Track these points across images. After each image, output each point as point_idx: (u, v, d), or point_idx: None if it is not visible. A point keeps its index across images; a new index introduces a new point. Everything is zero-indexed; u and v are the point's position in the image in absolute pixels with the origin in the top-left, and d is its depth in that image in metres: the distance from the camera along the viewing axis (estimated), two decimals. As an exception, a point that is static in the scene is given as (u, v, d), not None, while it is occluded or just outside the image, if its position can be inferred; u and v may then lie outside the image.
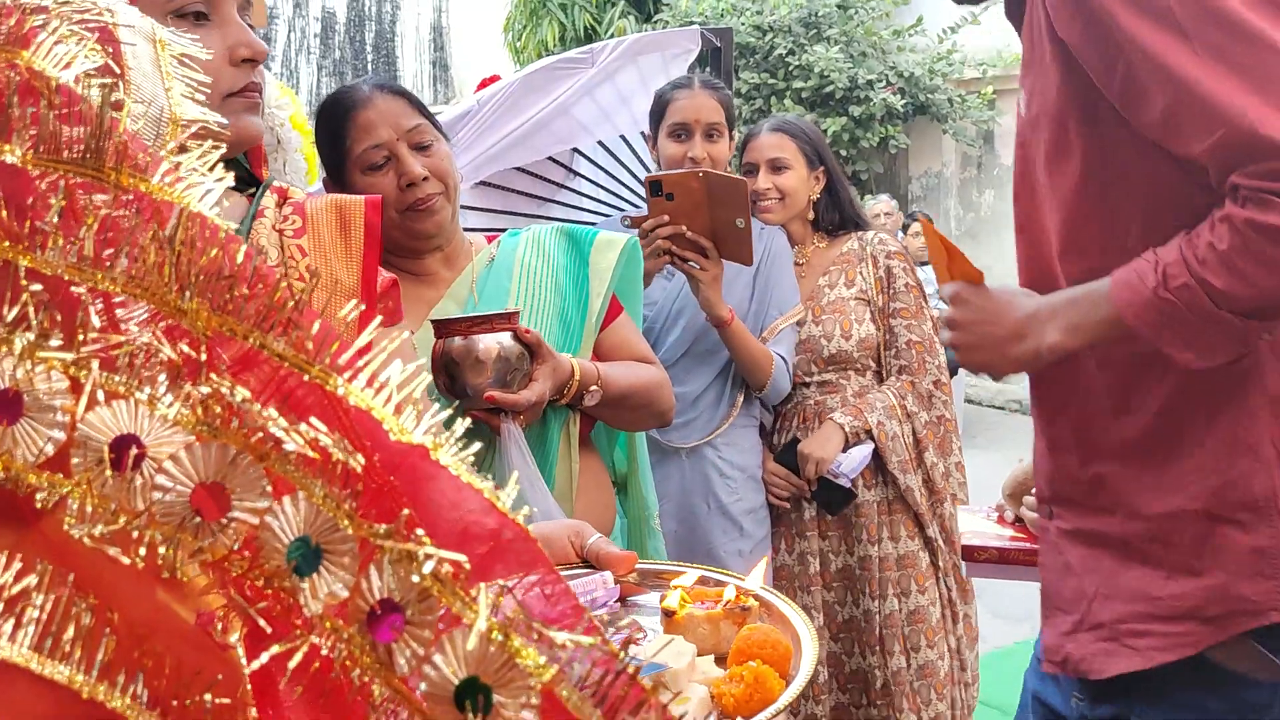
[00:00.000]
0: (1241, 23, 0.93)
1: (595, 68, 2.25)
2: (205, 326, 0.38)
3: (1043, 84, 1.06)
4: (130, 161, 0.39)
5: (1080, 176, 1.05)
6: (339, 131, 1.42)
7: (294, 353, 0.38)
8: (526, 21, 8.06)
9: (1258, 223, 0.93)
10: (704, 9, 6.53)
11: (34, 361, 0.36)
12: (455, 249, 1.50)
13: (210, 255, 0.38)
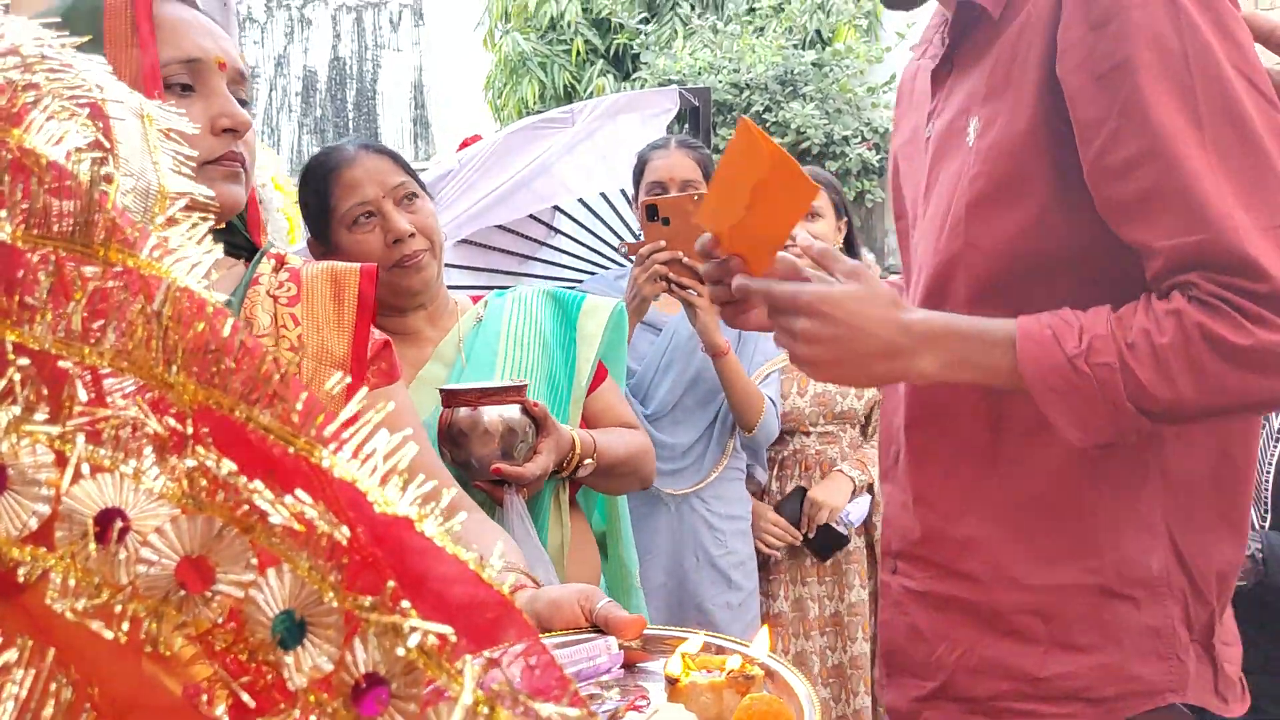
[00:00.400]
0: (1253, 134, 0.90)
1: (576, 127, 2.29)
2: (192, 400, 0.38)
3: (1008, 118, 0.99)
4: (119, 237, 0.39)
5: (1021, 222, 0.99)
6: (325, 190, 1.44)
7: (280, 425, 0.38)
8: (507, 80, 8.16)
9: (1208, 330, 0.88)
10: (681, 67, 6.63)
11: (19, 435, 0.37)
12: (439, 308, 1.51)
13: (197, 329, 0.39)
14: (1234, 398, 0.91)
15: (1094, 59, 0.92)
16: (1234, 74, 0.90)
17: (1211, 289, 0.89)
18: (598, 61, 7.66)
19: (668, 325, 2.06)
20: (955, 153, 1.04)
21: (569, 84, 7.80)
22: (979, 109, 1.01)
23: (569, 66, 7.77)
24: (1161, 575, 1.01)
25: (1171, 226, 0.90)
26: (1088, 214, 0.96)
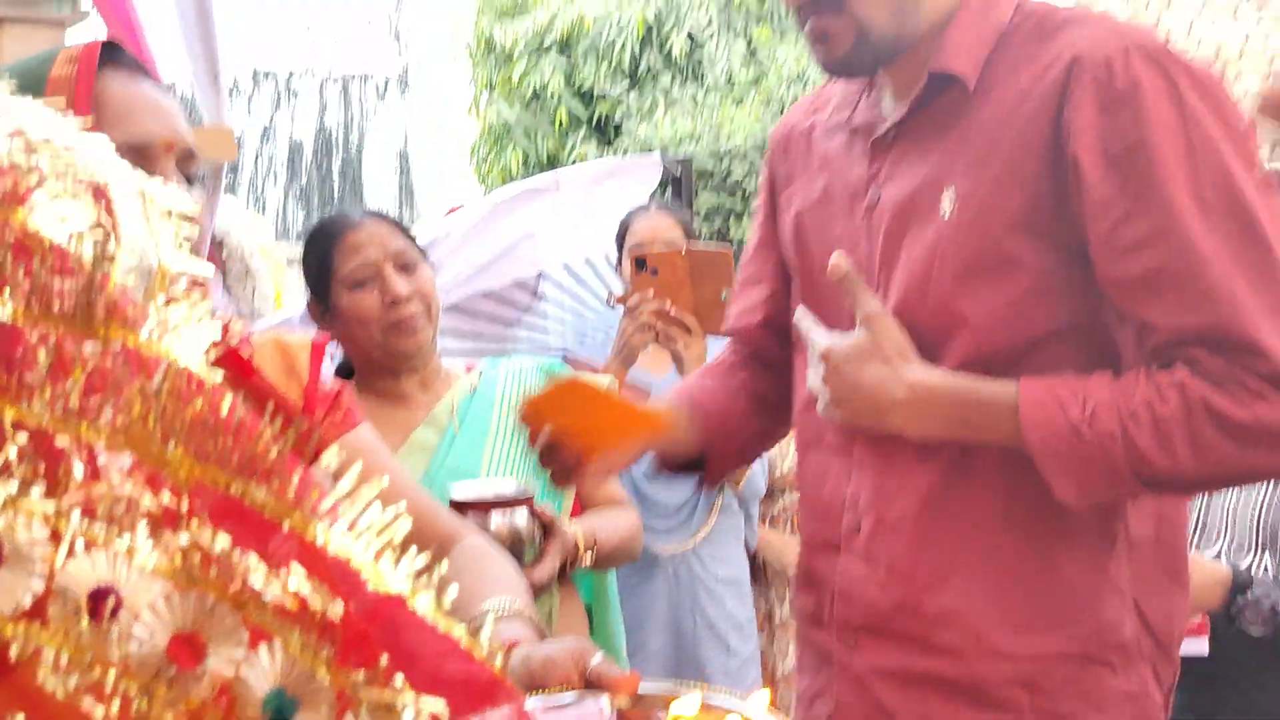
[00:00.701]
0: (1255, 220, 0.93)
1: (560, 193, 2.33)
2: (188, 475, 0.39)
3: (998, 192, 1.00)
4: (120, 316, 0.40)
5: (1011, 296, 1.00)
6: (328, 251, 1.48)
7: (275, 500, 0.39)
8: (491, 147, 8.27)
9: (1212, 403, 0.91)
10: (663, 135, 6.75)
11: (16, 512, 0.37)
12: (431, 373, 1.52)
13: (195, 406, 0.39)
14: (1231, 470, 0.94)
15: (1107, 141, 0.94)
16: (1236, 162, 0.94)
17: (1215, 364, 0.92)
18: (581, 130, 7.79)
19: (656, 384, 2.07)
20: (924, 225, 1.04)
21: (553, 152, 7.91)
22: (956, 181, 1.01)
23: (553, 135, 7.89)
24: (1133, 639, 1.02)
25: (1179, 305, 0.93)
26: (1080, 288, 0.98)
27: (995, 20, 1.03)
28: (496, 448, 1.48)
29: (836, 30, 1.02)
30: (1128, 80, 0.94)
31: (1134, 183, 0.94)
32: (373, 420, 1.47)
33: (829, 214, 1.14)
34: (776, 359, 1.25)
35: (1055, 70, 0.97)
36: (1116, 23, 1.00)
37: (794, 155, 1.21)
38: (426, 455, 1.47)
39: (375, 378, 1.49)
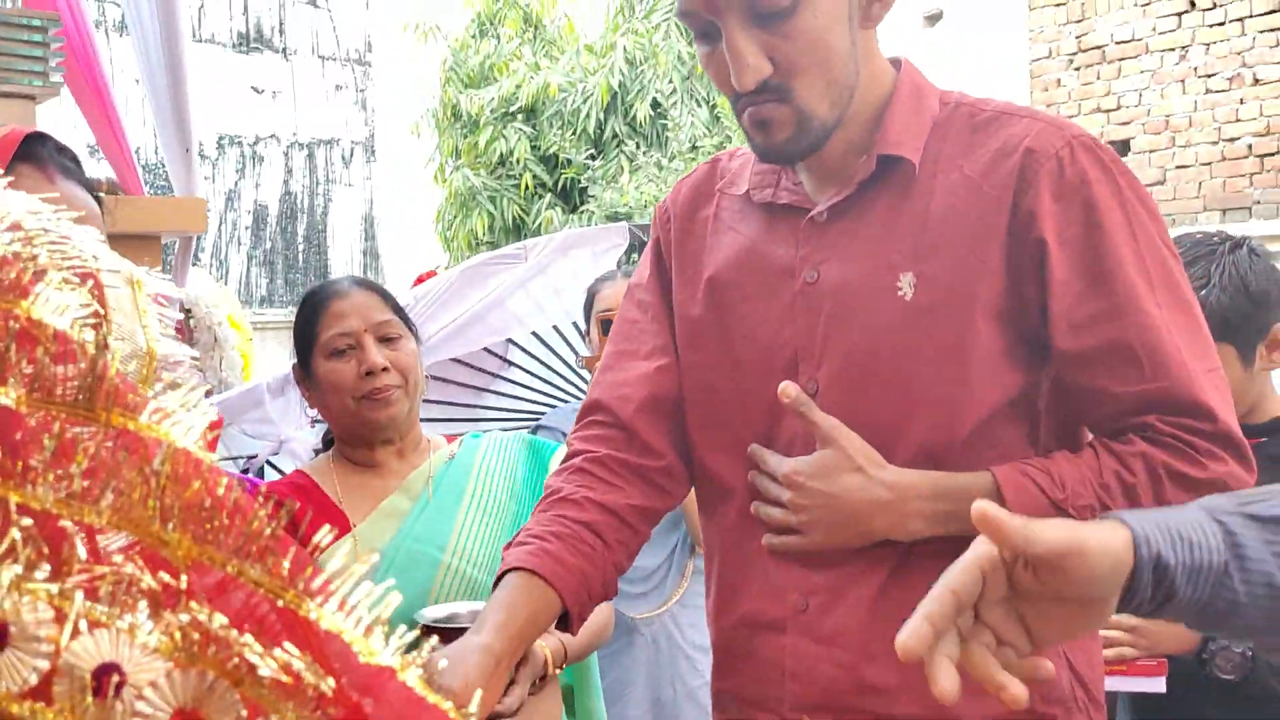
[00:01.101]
0: (1185, 294, 1.03)
1: (529, 262, 2.36)
2: (186, 555, 0.40)
3: (958, 274, 1.04)
4: (121, 401, 0.42)
5: (968, 374, 1.04)
6: (312, 319, 1.50)
7: (270, 579, 0.40)
8: (457, 213, 8.32)
9: (1172, 468, 0.98)
10: (627, 200, 6.85)
11: (21, 593, 0.38)
12: (410, 444, 1.53)
13: (194, 488, 0.41)
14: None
15: (1063, 227, 1.01)
16: (1162, 244, 1.03)
17: (1168, 430, 0.99)
18: (546, 195, 7.86)
19: None
20: (875, 306, 1.07)
21: (518, 217, 7.97)
22: (914, 265, 1.05)
23: (518, 200, 7.96)
24: (1069, 691, 1.07)
25: (1137, 374, 1.00)
26: (1022, 365, 1.04)
27: (927, 110, 1.09)
28: (469, 517, 1.48)
29: (779, 118, 1.04)
30: (1075, 172, 1.01)
31: (1090, 264, 1.00)
32: (347, 487, 1.48)
33: (749, 290, 1.14)
34: (652, 441, 1.19)
35: (1008, 162, 1.03)
36: (1048, 116, 1.08)
37: (698, 227, 1.21)
38: (397, 521, 1.47)
39: (352, 446, 1.49)
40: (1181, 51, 5.93)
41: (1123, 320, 1.00)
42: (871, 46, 1.10)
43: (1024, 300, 1.03)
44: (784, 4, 1.00)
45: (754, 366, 1.13)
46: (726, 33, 1.03)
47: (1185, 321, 1.01)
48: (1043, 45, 6.47)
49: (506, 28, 8.90)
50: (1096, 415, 1.04)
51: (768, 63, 1.02)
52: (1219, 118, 5.79)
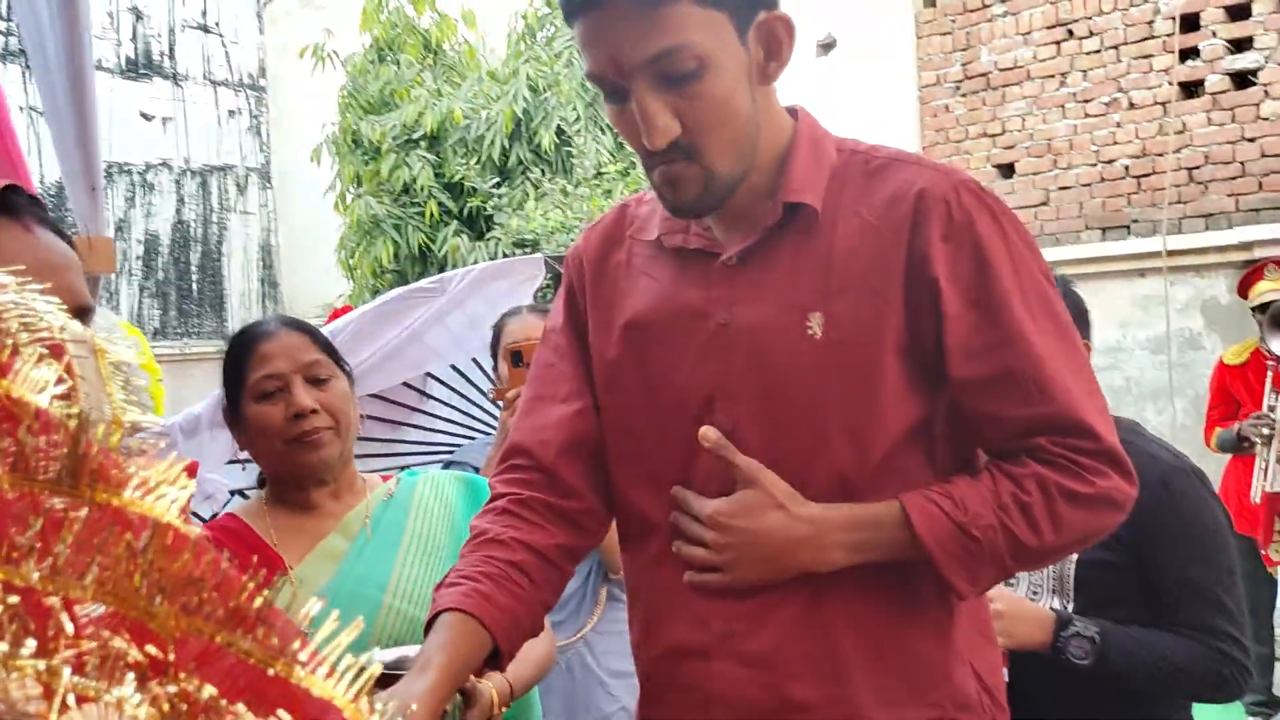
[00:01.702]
0: (1064, 322, 1.12)
1: (445, 296, 2.36)
2: (175, 628, 0.41)
3: (864, 313, 1.10)
4: (104, 477, 0.42)
5: (876, 405, 1.10)
6: (242, 361, 1.47)
7: (260, 648, 0.41)
8: (360, 240, 8.19)
9: (1063, 486, 1.07)
10: (534, 227, 6.85)
11: (9, 670, 0.39)
12: (345, 485, 1.51)
13: (181, 561, 0.42)
14: (1082, 535, 1.10)
15: (953, 265, 1.09)
16: (1041, 277, 1.12)
17: (1057, 450, 1.08)
18: (451, 223, 7.80)
19: None
20: (787, 346, 1.12)
21: (423, 245, 7.90)
22: (821, 305, 1.11)
23: (423, 228, 7.88)
24: (976, 697, 1.14)
25: (1023, 399, 1.08)
26: (922, 394, 1.12)
27: (825, 159, 1.16)
28: (409, 556, 1.47)
29: (688, 176, 1.10)
30: (963, 213, 1.09)
31: (979, 298, 1.08)
32: (282, 529, 1.46)
33: (664, 333, 1.19)
34: (572, 483, 1.22)
35: (901, 207, 1.10)
36: (934, 163, 1.16)
37: (611, 272, 1.26)
38: (335, 562, 1.45)
39: (286, 488, 1.48)
40: (1061, 78, 6.20)
41: (1011, 349, 1.08)
42: (770, 100, 1.17)
43: (922, 334, 1.10)
44: (690, 68, 1.05)
45: (671, 407, 1.18)
46: (636, 95, 1.07)
47: (1066, 348, 1.10)
48: (931, 73, 6.71)
49: (406, 54, 8.83)
50: (991, 438, 1.13)
51: (677, 123, 1.07)
52: (1097, 141, 6.07)
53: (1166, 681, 1.63)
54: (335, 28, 9.77)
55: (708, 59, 1.05)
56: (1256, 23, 5.55)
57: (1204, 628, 1.63)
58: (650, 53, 1.04)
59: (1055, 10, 6.18)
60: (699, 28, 1.05)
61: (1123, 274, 5.88)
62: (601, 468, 1.25)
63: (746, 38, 1.09)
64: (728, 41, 1.07)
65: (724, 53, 1.07)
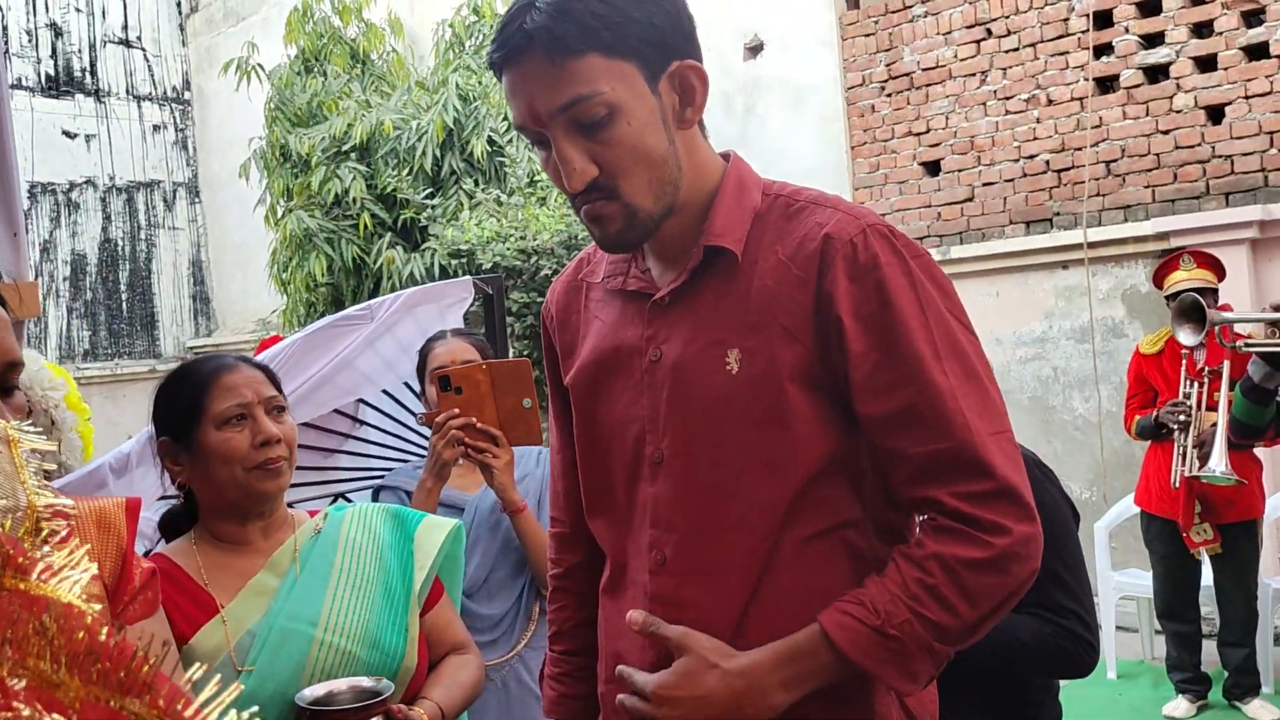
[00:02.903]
0: (971, 363, 1.14)
1: (375, 322, 2.37)
2: (76, 695, 0.44)
3: (777, 349, 1.15)
4: (13, 564, 0.45)
5: (791, 440, 1.15)
6: (200, 390, 1.49)
7: (149, 710, 0.45)
8: (293, 254, 8.11)
9: (961, 558, 1.08)
10: (470, 238, 6.84)
11: (-77, 749, 0.41)
12: (276, 520, 1.53)
13: (78, 637, 0.45)
14: (994, 600, 1.10)
15: (858, 304, 1.13)
16: (950, 318, 1.15)
17: (953, 506, 1.09)
18: (386, 235, 7.75)
19: (469, 503, 2.12)
20: (707, 380, 1.18)
21: (358, 257, 7.84)
22: (739, 341, 1.17)
23: (357, 241, 7.82)
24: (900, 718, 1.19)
25: (924, 436, 1.11)
26: (840, 428, 1.16)
27: (749, 202, 1.21)
28: (339, 591, 1.49)
29: (609, 214, 1.16)
30: (868, 255, 1.13)
31: (883, 337, 1.12)
32: (212, 567, 1.47)
33: (609, 370, 1.26)
34: (584, 529, 1.37)
35: (811, 247, 1.15)
36: (850, 205, 1.20)
37: (572, 318, 1.35)
38: (266, 599, 1.47)
39: (218, 522, 1.49)
40: (982, 76, 6.35)
41: (912, 386, 1.11)
42: (695, 144, 1.22)
43: (833, 370, 1.15)
44: (599, 115, 1.12)
45: (613, 439, 1.25)
46: (554, 142, 1.14)
47: (971, 389, 1.12)
48: (856, 73, 6.83)
49: (333, 64, 8.76)
50: (897, 479, 1.15)
51: (593, 166, 1.13)
52: (1018, 136, 6.23)
53: (1014, 659, 1.67)
54: (260, 39, 9.67)
55: (617, 106, 1.12)
56: (1167, 18, 5.74)
57: (1048, 605, 1.69)
58: (560, 102, 1.11)
59: (974, 10, 6.33)
60: (607, 78, 1.11)
61: (1046, 266, 6.05)
62: None
63: (658, 85, 1.16)
64: (638, 89, 1.14)
65: (634, 99, 1.13)
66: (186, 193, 12.65)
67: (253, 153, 8.74)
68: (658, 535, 1.21)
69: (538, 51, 1.11)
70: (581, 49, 1.10)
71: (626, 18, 1.11)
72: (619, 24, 1.11)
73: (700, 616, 1.18)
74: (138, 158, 12.38)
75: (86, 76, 12.05)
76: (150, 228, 12.43)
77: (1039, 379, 6.09)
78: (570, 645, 1.41)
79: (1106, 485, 5.74)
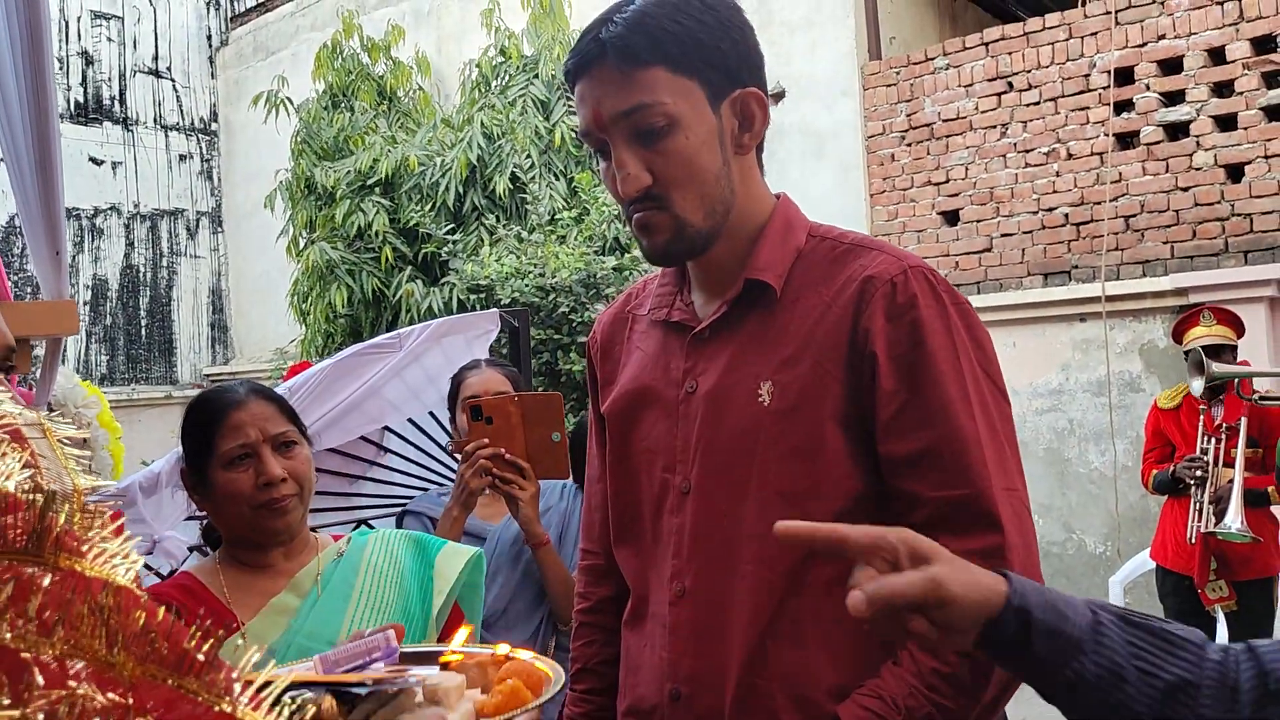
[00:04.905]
0: (993, 417, 1.14)
1: (403, 351, 2.40)
2: (132, 674, 0.46)
3: (809, 385, 1.16)
4: (66, 547, 0.47)
5: (818, 474, 1.16)
6: (209, 428, 1.50)
7: (207, 690, 0.46)
8: (313, 285, 8.17)
9: None
10: (489, 273, 6.89)
11: (-15, 720, 0.43)
12: (299, 545, 1.55)
13: (135, 616, 0.46)
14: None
15: (892, 343, 1.14)
16: (981, 371, 1.16)
17: None
18: (406, 268, 7.81)
19: (492, 533, 2.13)
20: (739, 412, 1.19)
21: (377, 289, 7.90)
22: (773, 375, 1.18)
23: (378, 273, 7.88)
24: None
25: (941, 480, 1.11)
26: (868, 465, 1.16)
27: (794, 242, 1.24)
28: (358, 613, 1.50)
29: (658, 224, 1.19)
30: (907, 295, 1.15)
31: (913, 377, 1.13)
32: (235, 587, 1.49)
33: (647, 400, 1.28)
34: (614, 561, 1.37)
35: (852, 287, 1.17)
36: (895, 249, 1.22)
37: (615, 349, 1.37)
38: (286, 618, 1.48)
39: (241, 550, 1.51)
40: (1002, 129, 6.40)
41: (936, 429, 1.12)
42: (751, 174, 1.25)
43: (862, 409, 1.15)
44: (659, 124, 1.15)
45: (643, 469, 1.27)
46: (613, 148, 1.18)
47: (992, 438, 1.13)
48: (877, 122, 6.89)
49: (360, 100, 8.88)
50: (909, 521, 1.10)
51: (647, 174, 1.16)
52: (1038, 189, 6.26)
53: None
54: (289, 73, 9.81)
55: (676, 118, 1.16)
56: (1188, 76, 5.78)
57: None
58: (623, 107, 1.16)
59: (995, 64, 6.39)
60: (670, 91, 1.16)
61: (1064, 318, 6.05)
62: None
63: (720, 107, 1.20)
64: (699, 107, 1.18)
65: (694, 116, 1.17)
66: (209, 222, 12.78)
67: (278, 184, 8.84)
68: (679, 566, 1.21)
69: (608, 60, 1.16)
70: (649, 60, 1.15)
71: (695, 39, 1.16)
72: (688, 44, 1.16)
73: (716, 649, 1.18)
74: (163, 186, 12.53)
75: (115, 105, 12.24)
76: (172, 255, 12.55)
77: (1055, 431, 6.06)
78: (593, 684, 1.40)
79: (1121, 540, 5.69)
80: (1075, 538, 6.02)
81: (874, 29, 6.99)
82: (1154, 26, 5.88)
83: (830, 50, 7.05)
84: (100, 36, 12.07)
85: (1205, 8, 5.70)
